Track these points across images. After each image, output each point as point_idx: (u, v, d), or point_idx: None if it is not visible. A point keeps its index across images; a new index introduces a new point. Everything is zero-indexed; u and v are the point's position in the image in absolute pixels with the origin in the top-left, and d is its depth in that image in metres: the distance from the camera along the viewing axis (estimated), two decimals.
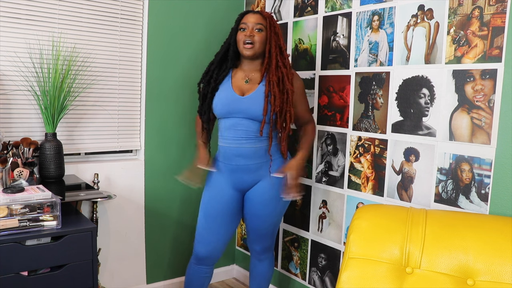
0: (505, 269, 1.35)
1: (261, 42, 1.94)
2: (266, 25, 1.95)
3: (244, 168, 1.99)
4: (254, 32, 1.93)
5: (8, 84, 2.05)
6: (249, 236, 2.19)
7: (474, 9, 1.66)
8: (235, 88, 1.98)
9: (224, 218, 2.06)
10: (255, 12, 1.98)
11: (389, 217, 1.60)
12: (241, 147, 1.97)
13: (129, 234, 2.46)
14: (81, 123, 2.27)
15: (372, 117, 2.04)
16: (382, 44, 1.98)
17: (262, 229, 2.12)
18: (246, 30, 1.94)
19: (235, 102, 1.95)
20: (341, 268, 1.57)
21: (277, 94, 1.91)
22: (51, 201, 1.61)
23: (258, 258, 2.23)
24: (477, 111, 1.67)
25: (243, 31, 1.95)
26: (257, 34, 1.93)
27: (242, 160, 1.98)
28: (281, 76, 1.94)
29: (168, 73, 2.49)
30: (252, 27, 1.93)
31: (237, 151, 1.98)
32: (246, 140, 1.96)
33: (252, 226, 2.12)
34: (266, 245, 2.18)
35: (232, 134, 1.97)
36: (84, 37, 2.21)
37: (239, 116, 1.95)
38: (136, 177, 2.45)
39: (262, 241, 2.16)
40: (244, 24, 1.94)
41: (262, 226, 2.11)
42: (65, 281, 1.64)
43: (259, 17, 1.95)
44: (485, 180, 1.66)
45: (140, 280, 2.53)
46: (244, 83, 1.99)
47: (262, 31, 1.94)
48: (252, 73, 2.01)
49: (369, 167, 2.07)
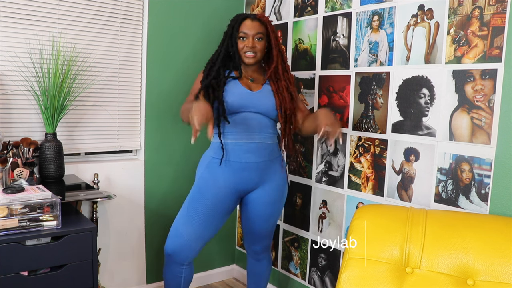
0: (505, 269, 1.35)
1: (262, 50, 1.96)
2: (265, 32, 1.95)
3: (253, 167, 1.96)
4: (255, 43, 1.92)
5: (8, 84, 2.05)
6: (250, 237, 2.18)
7: (474, 9, 1.66)
8: (243, 85, 1.98)
9: (212, 218, 1.99)
10: (253, 18, 1.94)
11: (389, 217, 1.60)
12: (252, 142, 1.95)
13: (129, 234, 2.46)
14: (81, 123, 2.27)
15: (372, 117, 2.04)
16: (382, 44, 1.98)
17: (265, 229, 2.11)
18: (247, 39, 1.92)
19: (247, 96, 1.94)
20: (341, 268, 1.57)
21: (287, 99, 1.96)
22: (51, 201, 1.61)
23: (256, 258, 2.23)
24: (477, 111, 1.67)
25: (243, 40, 1.93)
26: (258, 43, 1.93)
27: (252, 156, 1.95)
28: (288, 81, 2.00)
29: (168, 73, 2.49)
30: (253, 36, 1.92)
31: (248, 147, 1.95)
32: (258, 135, 1.96)
33: (256, 227, 2.11)
34: (266, 244, 2.18)
35: (244, 128, 1.95)
36: (84, 37, 2.21)
37: (251, 110, 1.94)
38: (136, 177, 2.45)
39: (263, 241, 2.16)
40: (244, 33, 1.92)
41: (265, 226, 2.10)
42: (65, 281, 1.64)
43: (259, 26, 1.93)
44: (485, 180, 1.66)
45: (140, 280, 2.53)
46: (250, 81, 1.99)
47: (262, 40, 1.95)
48: (253, 74, 2.01)
49: (369, 167, 2.07)
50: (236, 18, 1.98)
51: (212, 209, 1.98)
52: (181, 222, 2.02)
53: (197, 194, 2.00)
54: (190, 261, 2.06)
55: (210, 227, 2.01)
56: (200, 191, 2.00)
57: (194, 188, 2.04)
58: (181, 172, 2.61)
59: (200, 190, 2.00)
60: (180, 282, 2.06)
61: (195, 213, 1.99)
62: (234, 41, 1.94)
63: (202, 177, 2.02)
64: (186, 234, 1.99)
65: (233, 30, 1.95)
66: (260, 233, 2.12)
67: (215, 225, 2.03)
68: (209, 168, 2.00)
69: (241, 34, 1.93)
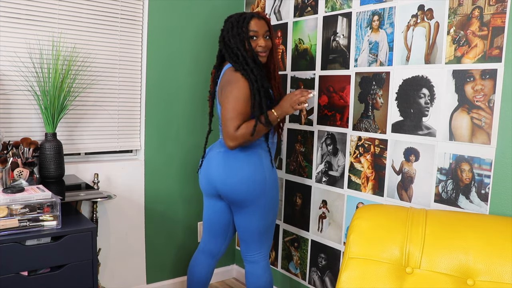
0: (505, 269, 1.35)
1: (270, 48, 1.97)
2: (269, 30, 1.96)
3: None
4: (266, 41, 1.93)
5: (8, 84, 2.05)
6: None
7: (474, 9, 1.66)
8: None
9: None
10: (259, 17, 1.93)
11: (389, 217, 1.60)
12: (275, 142, 2.05)
13: (129, 234, 2.46)
14: (81, 123, 2.27)
15: (372, 117, 2.04)
16: (382, 44, 1.98)
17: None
18: (257, 38, 1.91)
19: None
20: (341, 268, 1.57)
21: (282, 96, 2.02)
22: (51, 201, 1.61)
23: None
24: (477, 111, 1.67)
25: (253, 39, 1.91)
26: (267, 42, 1.93)
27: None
28: (279, 80, 2.06)
29: (168, 73, 2.49)
30: (263, 35, 1.92)
31: (274, 148, 2.04)
32: (274, 136, 2.04)
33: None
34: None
35: (271, 132, 2.01)
36: (84, 37, 2.21)
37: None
38: (136, 177, 2.45)
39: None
40: (255, 32, 1.90)
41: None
42: (65, 281, 1.64)
43: (265, 24, 1.93)
44: (485, 180, 1.66)
45: (140, 280, 2.53)
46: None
47: (270, 38, 1.96)
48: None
49: (369, 167, 2.07)
50: (239, 18, 1.92)
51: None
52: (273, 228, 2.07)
53: (276, 201, 2.02)
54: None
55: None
56: (277, 199, 2.03)
57: (275, 191, 2.00)
58: (181, 172, 2.61)
59: (277, 198, 2.03)
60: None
61: (274, 218, 2.06)
62: (242, 40, 1.89)
63: (273, 179, 1.98)
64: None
65: (241, 29, 1.89)
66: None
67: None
68: (269, 170, 1.97)
69: (252, 33, 1.90)
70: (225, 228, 2.10)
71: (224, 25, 1.97)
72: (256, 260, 2.04)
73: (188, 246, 2.69)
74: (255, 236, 1.99)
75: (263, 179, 1.90)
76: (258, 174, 1.90)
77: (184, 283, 2.67)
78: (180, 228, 2.66)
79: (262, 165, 1.91)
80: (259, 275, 2.04)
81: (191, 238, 2.71)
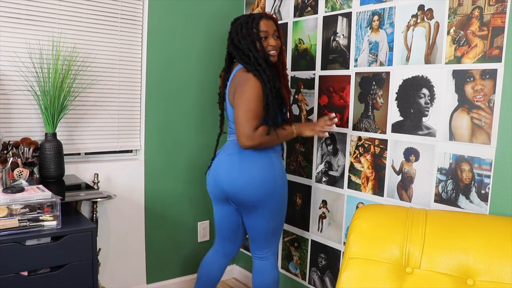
0: (505, 269, 1.35)
1: (280, 47, 1.98)
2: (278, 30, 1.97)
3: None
4: (275, 41, 1.93)
5: (8, 84, 2.05)
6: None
7: (474, 9, 1.66)
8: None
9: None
10: (268, 18, 1.93)
11: (389, 217, 1.60)
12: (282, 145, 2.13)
13: (129, 234, 2.46)
14: (81, 123, 2.27)
15: (372, 117, 2.04)
16: (382, 44, 1.98)
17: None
18: (268, 38, 1.91)
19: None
20: (341, 268, 1.57)
21: (290, 95, 2.09)
22: (51, 201, 1.61)
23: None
24: (477, 111, 1.67)
25: (264, 40, 1.90)
26: (277, 41, 1.94)
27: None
28: (286, 78, 2.08)
29: (168, 73, 2.49)
30: (272, 35, 1.92)
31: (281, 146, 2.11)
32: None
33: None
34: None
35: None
36: (84, 37, 2.21)
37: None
38: (136, 177, 2.45)
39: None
40: (265, 32, 1.90)
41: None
42: (65, 281, 1.64)
43: (274, 24, 1.94)
44: (485, 180, 1.66)
45: (140, 280, 2.53)
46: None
47: (279, 37, 1.96)
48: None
49: (369, 167, 2.07)
50: (247, 19, 1.91)
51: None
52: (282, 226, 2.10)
53: (285, 198, 2.04)
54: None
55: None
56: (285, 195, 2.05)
57: (284, 192, 2.02)
58: (181, 171, 2.61)
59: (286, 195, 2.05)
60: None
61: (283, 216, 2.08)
62: (253, 41, 1.88)
63: (283, 180, 2.01)
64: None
65: (251, 30, 1.88)
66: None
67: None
68: (279, 170, 1.99)
69: (263, 34, 1.90)
70: (235, 232, 2.12)
71: (231, 27, 1.96)
72: (265, 257, 2.07)
73: (188, 246, 2.69)
74: (264, 236, 2.03)
75: (273, 179, 1.92)
76: (268, 175, 1.91)
77: (184, 283, 2.67)
78: (180, 228, 2.66)
79: (273, 166, 1.93)
80: (267, 271, 2.07)
81: (191, 238, 2.71)
